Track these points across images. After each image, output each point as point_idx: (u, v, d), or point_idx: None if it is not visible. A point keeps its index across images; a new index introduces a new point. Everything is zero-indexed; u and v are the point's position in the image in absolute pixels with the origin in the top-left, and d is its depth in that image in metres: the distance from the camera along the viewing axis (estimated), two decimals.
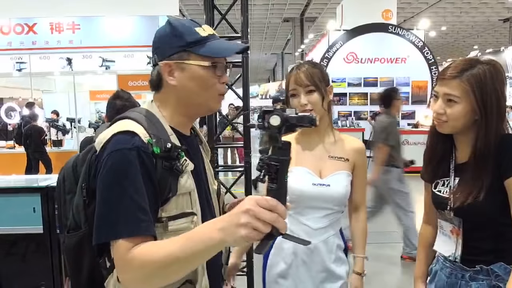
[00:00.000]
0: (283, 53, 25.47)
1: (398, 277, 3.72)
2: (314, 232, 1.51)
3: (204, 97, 1.04)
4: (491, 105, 1.21)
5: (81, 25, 7.86)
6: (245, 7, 2.47)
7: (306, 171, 1.50)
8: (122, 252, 0.87)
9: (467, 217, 1.28)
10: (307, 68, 1.49)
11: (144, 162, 0.92)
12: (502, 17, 17.65)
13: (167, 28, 1.03)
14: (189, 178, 1.00)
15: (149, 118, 1.01)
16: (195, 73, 1.01)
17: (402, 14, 16.18)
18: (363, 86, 10.99)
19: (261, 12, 16.46)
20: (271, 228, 0.74)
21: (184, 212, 0.98)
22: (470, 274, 1.27)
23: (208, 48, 1.01)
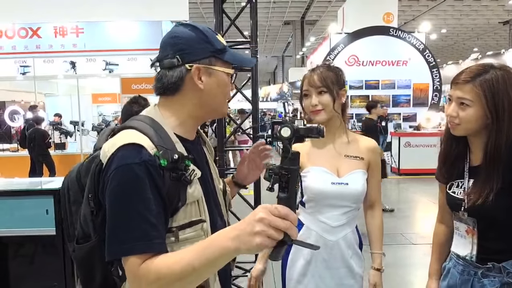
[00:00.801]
0: (284, 56, 25.56)
1: (403, 279, 3.74)
2: (333, 230, 1.55)
3: (221, 102, 1.08)
4: (503, 110, 1.24)
5: (84, 29, 7.90)
6: (255, 11, 2.51)
7: (324, 171, 1.54)
8: (134, 267, 0.88)
9: (480, 217, 1.31)
10: (321, 71, 1.53)
11: (153, 176, 0.91)
12: (502, 20, 17.73)
13: (195, 32, 1.02)
14: (197, 186, 1.00)
15: (154, 127, 0.99)
16: (222, 79, 1.04)
17: (403, 17, 16.25)
18: (365, 88, 11.03)
19: (262, 15, 16.53)
20: (284, 235, 0.76)
21: (193, 220, 0.99)
22: (482, 271, 1.30)
23: (230, 56, 1.05)
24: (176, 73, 1.01)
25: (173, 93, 1.03)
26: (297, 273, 1.59)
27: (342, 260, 1.57)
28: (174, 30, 1.05)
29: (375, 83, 11.01)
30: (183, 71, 1.01)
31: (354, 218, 1.61)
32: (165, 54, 1.03)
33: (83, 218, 1.01)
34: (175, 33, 1.03)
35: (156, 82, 1.05)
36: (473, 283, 1.32)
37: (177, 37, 1.02)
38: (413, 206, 6.64)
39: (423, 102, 10.92)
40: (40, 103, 10.34)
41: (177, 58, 1.00)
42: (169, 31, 1.06)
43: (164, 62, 1.02)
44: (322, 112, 1.52)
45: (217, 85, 1.04)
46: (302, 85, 1.58)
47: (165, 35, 1.06)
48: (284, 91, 21.64)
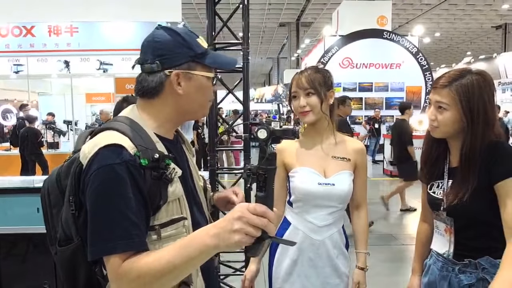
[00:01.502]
0: (279, 58, 25.61)
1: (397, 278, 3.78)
2: (320, 229, 1.58)
3: (202, 105, 1.09)
4: (477, 113, 1.29)
5: (79, 28, 7.89)
6: (246, 13, 2.54)
7: (311, 171, 1.57)
8: (115, 266, 0.89)
9: (457, 216, 1.36)
10: (309, 73, 1.56)
11: (134, 176, 0.92)
12: (495, 24, 17.91)
13: (174, 36, 1.02)
14: (178, 185, 1.01)
15: (134, 128, 1.00)
16: (202, 83, 1.04)
17: (397, 20, 16.38)
18: (358, 91, 11.11)
19: (257, 17, 16.56)
20: (261, 233, 0.79)
21: (174, 218, 1.00)
22: (459, 268, 1.35)
23: (211, 60, 1.05)
24: (156, 78, 1.02)
25: (152, 97, 1.04)
26: (284, 272, 1.61)
27: (328, 259, 1.59)
28: (154, 33, 1.05)
29: (368, 86, 11.09)
30: (162, 77, 1.02)
31: (340, 218, 1.64)
32: (146, 58, 1.03)
33: (65, 221, 1.01)
34: (155, 37, 1.04)
35: (136, 84, 1.06)
36: (451, 279, 1.37)
37: (157, 41, 1.03)
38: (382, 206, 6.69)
39: (416, 105, 10.97)
40: (33, 102, 10.29)
41: (156, 64, 1.01)
42: (150, 33, 1.06)
43: (144, 66, 1.03)
44: (310, 114, 1.55)
45: (197, 89, 1.04)
46: (290, 87, 1.61)
47: (146, 38, 1.06)
48: (279, 93, 21.71)
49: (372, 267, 1.65)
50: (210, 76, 1.06)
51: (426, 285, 1.48)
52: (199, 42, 1.05)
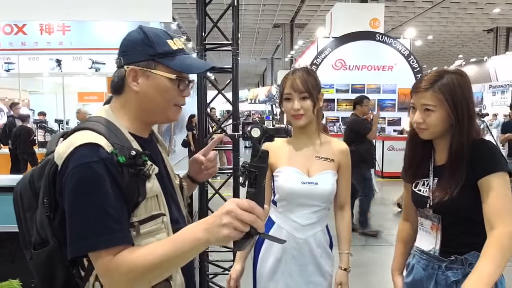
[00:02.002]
0: (273, 59, 25.65)
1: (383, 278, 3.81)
2: (303, 228, 1.59)
3: (163, 107, 1.06)
4: (462, 110, 1.33)
5: (71, 27, 7.85)
6: (236, 14, 2.55)
7: (295, 171, 1.59)
8: (105, 261, 0.89)
9: (444, 213, 1.38)
10: (304, 75, 1.56)
11: (112, 173, 0.93)
12: (486, 28, 18.12)
13: (140, 34, 1.04)
14: (155, 181, 1.02)
15: (108, 127, 1.00)
16: (160, 83, 1.03)
17: (390, 23, 16.49)
18: (351, 92, 11.15)
19: (251, 18, 16.59)
20: (250, 228, 0.81)
21: (153, 214, 1.01)
22: (446, 264, 1.36)
23: (177, 61, 1.04)
24: (118, 73, 1.05)
25: (118, 93, 1.06)
26: (268, 271, 1.62)
27: (311, 257, 1.61)
28: (128, 32, 1.08)
29: (361, 87, 11.15)
30: (121, 72, 1.04)
31: (324, 218, 1.66)
32: (117, 55, 1.07)
33: (40, 223, 1.00)
34: (127, 35, 1.07)
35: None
36: (438, 277, 1.38)
37: (125, 39, 1.06)
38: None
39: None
40: (24, 100, 10.22)
41: (120, 59, 1.04)
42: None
43: (116, 62, 1.07)
44: (303, 117, 1.56)
45: (155, 89, 1.03)
46: (283, 88, 1.60)
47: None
48: (273, 93, 21.76)
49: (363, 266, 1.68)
50: (172, 78, 1.04)
51: (410, 285, 1.49)
52: (167, 43, 1.05)
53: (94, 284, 0.98)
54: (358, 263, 4.16)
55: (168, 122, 1.17)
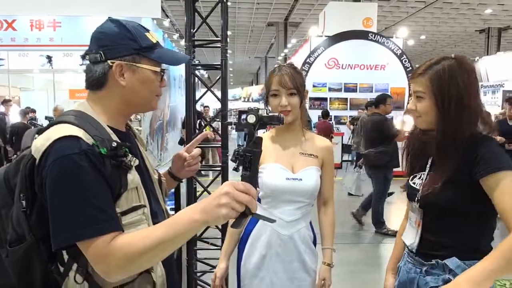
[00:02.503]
0: (267, 57, 25.62)
1: (373, 276, 3.83)
2: (287, 224, 1.60)
3: (147, 99, 1.10)
4: (449, 99, 1.26)
5: (62, 23, 7.75)
6: (225, 11, 2.54)
7: (280, 167, 1.59)
8: (98, 248, 0.91)
9: (426, 208, 1.33)
10: (291, 72, 1.58)
11: (95, 165, 0.94)
12: (478, 28, 18.24)
13: (120, 28, 1.05)
14: (135, 173, 1.04)
15: (87, 120, 1.01)
16: (146, 77, 1.07)
17: (384, 22, 16.55)
18: (344, 91, 11.20)
19: (245, 16, 16.55)
20: (245, 208, 0.86)
21: (134, 205, 1.03)
22: (426, 269, 1.31)
23: (159, 54, 1.08)
24: (99, 68, 1.04)
25: (99, 88, 1.06)
26: (252, 267, 1.62)
27: (295, 254, 1.61)
28: (102, 25, 1.07)
29: (353, 86, 11.20)
30: (105, 67, 1.04)
31: (308, 214, 1.66)
32: (91, 48, 1.06)
33: (16, 220, 1.00)
34: (101, 28, 1.06)
35: (85, 75, 1.08)
36: (419, 281, 1.34)
37: (102, 32, 1.05)
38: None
39: (399, 106, 11.15)
40: (15, 97, 10.10)
41: (100, 54, 1.03)
42: (99, 25, 1.08)
43: (90, 56, 1.06)
44: (290, 113, 1.58)
45: (141, 82, 1.06)
46: (270, 84, 1.60)
47: (95, 29, 1.08)
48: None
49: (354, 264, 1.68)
50: (156, 71, 1.08)
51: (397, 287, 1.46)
52: (147, 36, 1.07)
53: (75, 277, 0.98)
54: (349, 261, 4.18)
55: (150, 111, 1.20)
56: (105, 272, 0.94)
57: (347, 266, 4.03)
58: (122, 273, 0.95)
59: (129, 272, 0.97)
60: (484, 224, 1.31)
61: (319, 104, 11.14)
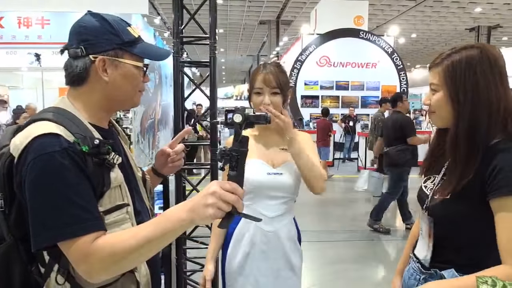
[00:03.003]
0: (259, 55, 25.61)
1: (363, 274, 3.84)
2: (271, 220, 1.59)
3: (130, 94, 1.08)
4: (464, 92, 1.10)
5: (51, 20, 7.65)
6: (214, 7, 2.52)
7: (261, 162, 1.60)
8: (81, 248, 0.89)
9: (437, 217, 1.18)
10: (275, 71, 1.58)
11: (77, 163, 0.92)
12: (468, 27, 18.41)
13: (101, 22, 1.02)
14: (118, 171, 1.02)
15: (67, 117, 0.99)
16: (128, 72, 1.04)
17: (375, 21, 16.62)
18: (335, 89, 11.23)
19: (237, 14, 16.50)
20: (231, 208, 0.85)
21: (117, 204, 1.01)
22: (425, 277, 1.22)
23: (142, 49, 1.06)
24: (80, 63, 1.01)
25: (80, 84, 1.03)
26: (237, 266, 1.61)
27: (280, 251, 1.61)
28: (81, 19, 1.04)
29: (345, 84, 11.24)
30: (87, 62, 1.01)
31: (291, 209, 1.66)
32: (71, 43, 1.02)
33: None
34: (82, 22, 1.03)
35: (64, 71, 1.05)
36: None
37: (83, 26, 1.02)
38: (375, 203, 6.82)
39: None
40: (4, 96, 9.95)
41: (81, 49, 1.00)
42: (78, 19, 1.04)
43: (70, 51, 1.03)
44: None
45: (124, 78, 1.04)
46: (254, 82, 1.61)
47: (74, 23, 1.04)
48: None
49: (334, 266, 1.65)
50: (139, 66, 1.06)
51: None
52: (129, 31, 1.05)
53: (56, 278, 0.96)
54: (338, 259, 4.18)
55: (132, 107, 1.18)
56: (87, 273, 0.92)
57: (338, 264, 4.04)
58: (106, 274, 0.93)
59: (113, 272, 0.95)
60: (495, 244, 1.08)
61: (310, 102, 11.16)
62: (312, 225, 5.18)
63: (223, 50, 24.71)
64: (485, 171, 1.06)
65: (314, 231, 4.95)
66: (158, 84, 9.01)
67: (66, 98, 1.05)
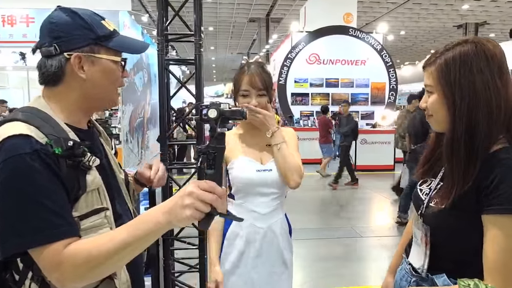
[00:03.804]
0: (249, 53, 25.55)
1: (351, 271, 3.84)
2: (263, 217, 1.59)
3: (109, 91, 1.04)
4: (461, 92, 1.01)
5: (35, 19, 7.52)
6: (199, 5, 2.47)
7: (249, 160, 1.60)
8: (52, 255, 0.85)
9: (433, 227, 1.10)
10: (261, 72, 1.59)
11: (49, 165, 0.88)
12: (456, 24, 18.59)
13: (72, 17, 0.97)
14: (96, 174, 0.98)
15: (41, 118, 0.94)
16: (106, 67, 1.00)
17: (364, 18, 16.68)
18: (325, 86, 11.25)
19: (227, 11, 16.42)
20: (211, 208, 0.81)
21: (95, 208, 0.97)
22: (416, 280, 1.17)
23: (118, 43, 1.01)
24: (55, 62, 0.96)
25: (56, 84, 0.99)
26: (230, 265, 1.61)
27: (274, 247, 1.61)
28: (51, 15, 0.99)
29: (335, 82, 11.26)
30: (62, 61, 0.96)
31: (282, 205, 1.66)
32: (43, 41, 0.98)
33: None
34: (52, 19, 0.98)
35: (38, 71, 1.00)
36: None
37: (53, 23, 0.97)
38: (366, 201, 6.86)
39: (380, 100, 11.27)
40: None
41: (54, 47, 0.96)
42: (48, 15, 0.99)
43: (42, 50, 0.98)
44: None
45: (102, 74, 1.00)
46: (239, 83, 1.60)
47: (44, 20, 0.99)
48: None
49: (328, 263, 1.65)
50: (116, 60, 1.02)
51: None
52: (103, 24, 1.01)
53: (30, 286, 0.92)
54: (329, 256, 4.18)
55: (111, 106, 1.13)
56: (59, 282, 0.88)
57: (325, 261, 4.04)
58: (81, 281, 0.90)
59: (89, 279, 0.91)
60: None
61: (301, 100, 11.15)
62: (303, 223, 5.17)
63: (213, 48, 24.57)
64: (482, 182, 0.97)
65: (305, 229, 4.95)
66: (147, 82, 8.92)
67: (41, 98, 1.01)
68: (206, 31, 19.68)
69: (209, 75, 36.50)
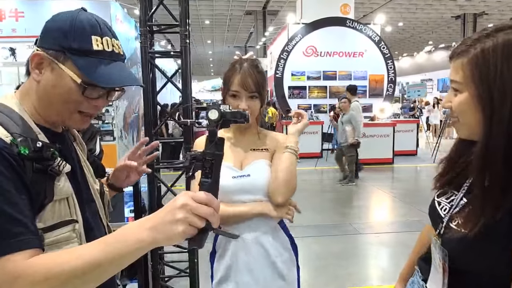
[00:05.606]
0: (246, 47, 25.35)
1: (348, 270, 3.74)
2: (248, 228, 1.44)
3: (59, 110, 0.92)
4: (501, 93, 0.82)
5: (25, 13, 7.35)
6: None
7: (226, 166, 1.45)
8: (9, 268, 0.75)
9: (453, 255, 0.92)
10: (254, 72, 1.45)
11: (12, 166, 0.79)
12: (454, 14, 18.42)
13: (66, 20, 0.91)
14: (66, 181, 0.90)
15: (8, 115, 0.87)
16: (62, 81, 0.89)
17: (362, 9, 16.48)
18: (323, 79, 11.09)
19: (223, 4, 16.22)
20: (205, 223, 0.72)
21: (63, 220, 0.88)
22: None
23: (89, 65, 0.88)
24: (30, 55, 0.92)
25: (27, 77, 0.94)
26: (220, 279, 1.49)
27: (264, 259, 1.45)
28: (61, 13, 0.95)
29: (332, 74, 11.10)
30: (31, 55, 0.92)
31: None
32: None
33: None
34: (56, 16, 0.94)
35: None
36: None
37: (52, 20, 0.94)
38: (365, 195, 6.75)
39: (378, 93, 11.13)
40: None
41: (36, 40, 0.93)
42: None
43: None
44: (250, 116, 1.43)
45: (53, 86, 0.90)
46: (230, 83, 1.46)
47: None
48: None
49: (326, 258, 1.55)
50: (74, 80, 0.88)
51: None
52: (90, 39, 0.88)
53: None
54: (325, 255, 4.07)
55: (74, 128, 1.04)
56: None
57: (324, 260, 3.94)
58: None
59: None
60: None
61: (298, 93, 11.00)
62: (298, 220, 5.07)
63: (210, 41, 24.33)
64: None
65: (301, 226, 4.84)
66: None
67: (14, 94, 0.95)
68: (203, 24, 19.44)
69: (207, 69, 36.24)
